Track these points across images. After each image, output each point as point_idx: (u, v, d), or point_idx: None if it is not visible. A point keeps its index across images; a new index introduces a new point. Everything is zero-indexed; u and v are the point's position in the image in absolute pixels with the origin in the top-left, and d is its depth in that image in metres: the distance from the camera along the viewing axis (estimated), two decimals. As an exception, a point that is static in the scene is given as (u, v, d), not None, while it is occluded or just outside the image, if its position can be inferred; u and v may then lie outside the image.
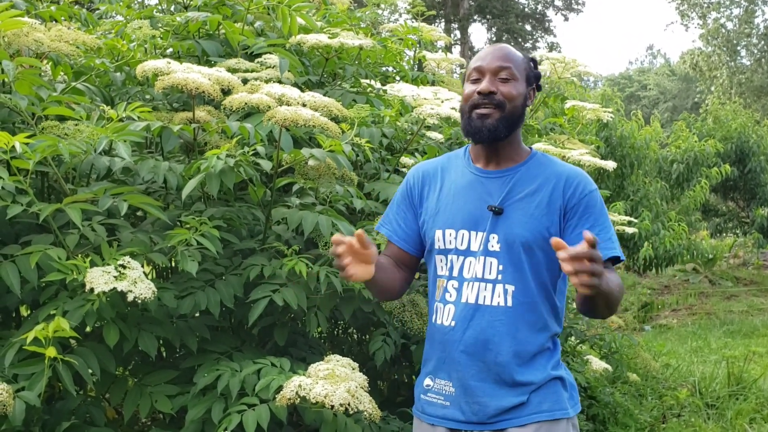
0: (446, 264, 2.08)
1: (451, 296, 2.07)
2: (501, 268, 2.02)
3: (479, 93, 2.04)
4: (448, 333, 2.06)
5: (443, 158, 2.27)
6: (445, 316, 2.08)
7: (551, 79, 4.46)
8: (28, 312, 2.77)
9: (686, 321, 9.72)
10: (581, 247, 1.65)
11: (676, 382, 5.98)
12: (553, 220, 2.03)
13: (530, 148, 2.19)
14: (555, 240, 1.69)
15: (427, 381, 2.12)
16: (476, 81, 2.07)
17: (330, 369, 2.19)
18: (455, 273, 2.06)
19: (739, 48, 26.40)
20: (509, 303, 2.02)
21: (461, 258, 2.05)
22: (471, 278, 2.03)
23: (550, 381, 2.05)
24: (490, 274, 2.03)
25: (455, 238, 2.07)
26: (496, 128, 2.04)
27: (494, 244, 2.03)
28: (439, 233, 2.10)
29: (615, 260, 2.04)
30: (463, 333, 2.03)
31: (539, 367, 2.04)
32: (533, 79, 2.14)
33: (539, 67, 2.24)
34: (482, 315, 2.02)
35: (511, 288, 2.02)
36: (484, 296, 2.03)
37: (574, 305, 2.19)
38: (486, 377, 2.02)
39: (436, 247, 2.10)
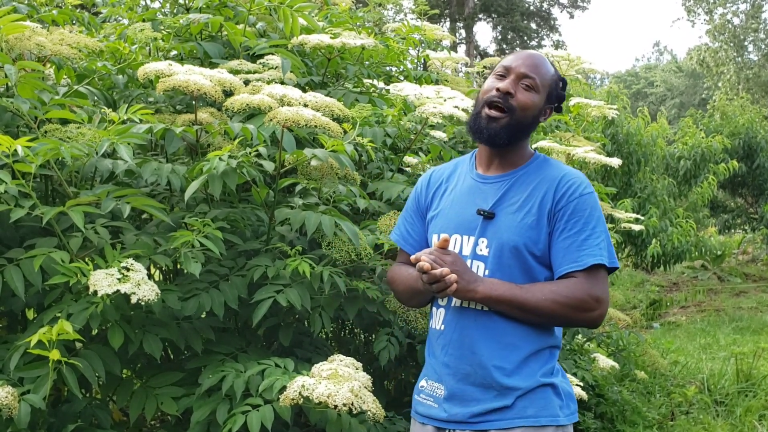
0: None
1: (443, 300, 2.10)
2: (487, 272, 2.02)
3: (497, 90, 2.06)
4: (439, 336, 2.09)
5: (453, 163, 2.29)
6: (437, 320, 2.11)
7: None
8: (34, 315, 2.78)
9: (695, 318, 9.68)
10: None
11: (684, 380, 5.96)
12: (543, 224, 2.02)
13: (534, 150, 2.19)
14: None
15: (422, 383, 2.15)
16: (500, 77, 2.09)
17: (333, 369, 2.19)
18: None
19: (746, 43, 26.33)
20: None
21: None
22: None
23: (539, 387, 2.00)
24: None
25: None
26: (497, 135, 2.06)
27: (483, 248, 2.03)
28: (435, 238, 2.13)
29: (603, 267, 2.01)
30: (451, 336, 2.06)
31: (528, 373, 2.00)
32: (555, 98, 2.15)
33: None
34: (467, 318, 2.04)
35: None
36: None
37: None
38: (471, 380, 2.02)
39: None
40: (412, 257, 1.97)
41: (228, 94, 2.71)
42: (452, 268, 1.94)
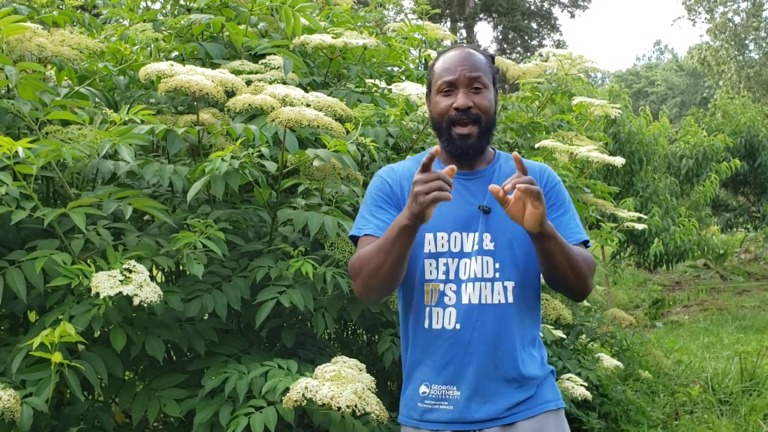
0: (437, 267, 2.06)
1: (450, 299, 2.05)
2: (498, 266, 2.04)
3: (456, 109, 2.04)
4: (453, 336, 2.04)
5: (410, 162, 2.23)
6: (446, 319, 2.06)
7: (558, 76, 4.44)
8: (36, 317, 2.77)
9: (698, 317, 9.66)
10: (515, 176, 1.83)
11: (688, 379, 5.95)
12: None
13: (491, 148, 2.21)
14: (492, 187, 1.82)
15: (423, 388, 2.08)
16: (448, 93, 2.07)
17: (336, 370, 2.18)
18: (451, 276, 2.04)
19: (747, 42, 26.30)
20: (510, 299, 2.04)
21: (456, 260, 2.04)
22: (468, 279, 2.03)
23: (549, 373, 2.12)
24: (487, 272, 2.04)
25: (448, 240, 2.06)
26: (480, 147, 2.09)
27: (488, 243, 2.04)
28: (429, 236, 2.07)
29: (585, 244, 2.13)
30: (471, 334, 2.03)
31: (538, 362, 2.10)
32: (496, 78, 2.16)
33: (548, 62, 2.24)
34: (487, 314, 2.02)
35: (510, 284, 2.04)
36: (486, 295, 2.03)
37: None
38: (497, 375, 2.02)
39: (426, 250, 2.08)
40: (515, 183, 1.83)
41: (230, 94, 2.70)
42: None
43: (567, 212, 2.14)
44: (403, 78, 4.02)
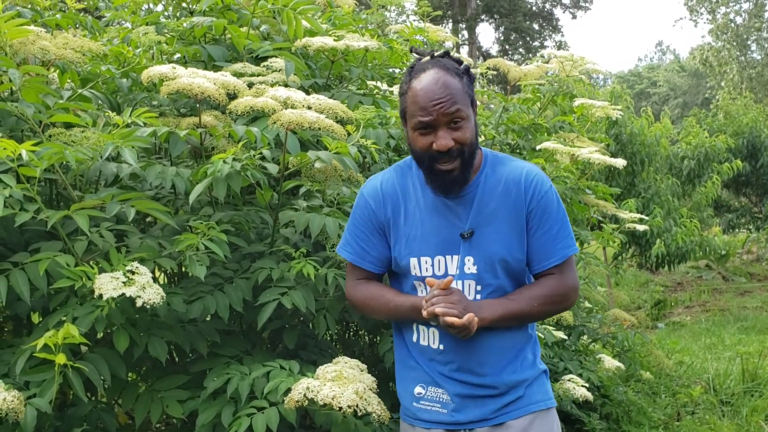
0: (426, 289, 2.09)
1: (434, 320, 2.03)
2: (479, 288, 2.05)
3: (438, 151, 1.97)
4: (438, 355, 2.10)
5: (393, 173, 2.19)
6: (430, 338, 2.11)
7: (559, 78, 4.44)
8: (40, 319, 2.78)
9: (700, 318, 9.66)
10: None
11: (690, 380, 5.95)
12: (521, 225, 2.07)
13: (480, 148, 2.14)
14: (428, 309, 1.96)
15: (418, 389, 2.13)
16: (426, 132, 1.98)
17: (338, 371, 2.19)
18: None
19: (749, 42, 26.31)
20: None
21: None
22: None
23: (540, 374, 2.15)
24: (468, 295, 2.06)
25: (432, 265, 2.08)
26: (464, 180, 2.04)
27: (470, 266, 2.05)
28: (414, 261, 2.09)
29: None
30: (454, 355, 2.07)
31: (529, 364, 2.12)
32: (473, 93, 2.06)
33: (549, 64, 2.22)
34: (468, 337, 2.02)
35: None
36: None
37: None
38: (483, 388, 2.07)
39: (413, 273, 2.11)
40: (432, 310, 1.92)
41: (232, 97, 2.71)
42: (463, 305, 1.96)
43: (555, 224, 2.07)
44: (405, 80, 4.02)
